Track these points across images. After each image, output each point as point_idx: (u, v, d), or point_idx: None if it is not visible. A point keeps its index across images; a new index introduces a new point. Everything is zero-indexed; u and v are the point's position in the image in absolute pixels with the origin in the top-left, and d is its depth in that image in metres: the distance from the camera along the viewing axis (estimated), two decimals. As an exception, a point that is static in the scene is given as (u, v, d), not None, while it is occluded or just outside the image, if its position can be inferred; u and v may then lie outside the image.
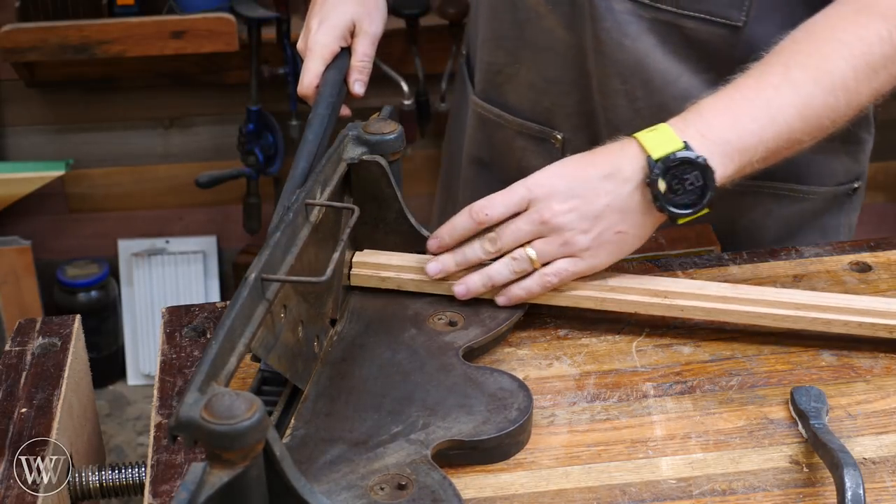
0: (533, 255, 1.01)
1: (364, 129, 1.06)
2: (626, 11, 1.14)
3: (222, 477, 0.70)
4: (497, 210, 1.01)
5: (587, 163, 1.01)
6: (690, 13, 1.13)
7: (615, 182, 0.99)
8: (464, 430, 0.89)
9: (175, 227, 2.94)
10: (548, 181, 1.00)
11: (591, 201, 0.99)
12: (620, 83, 1.17)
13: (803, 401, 0.93)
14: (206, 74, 2.73)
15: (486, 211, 1.00)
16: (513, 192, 1.01)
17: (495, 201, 1.01)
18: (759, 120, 1.01)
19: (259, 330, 0.82)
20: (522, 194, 1.00)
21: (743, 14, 1.13)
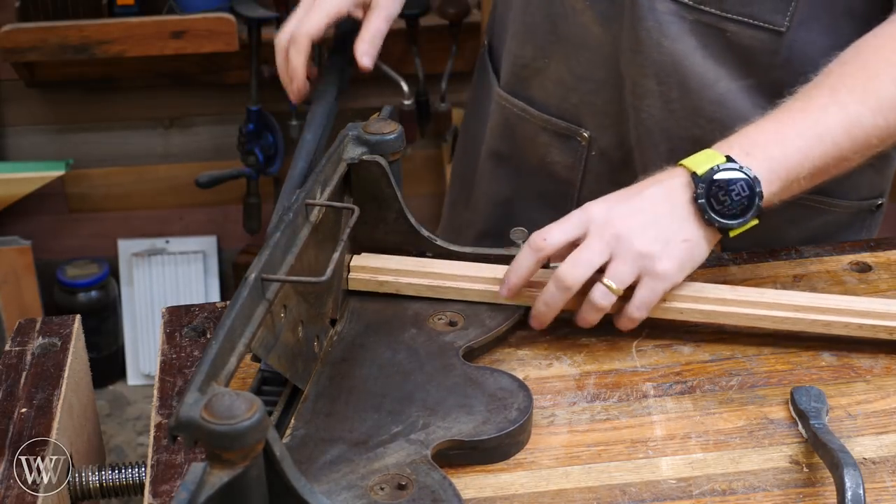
0: (613, 286, 0.98)
1: (364, 129, 1.06)
2: (669, 12, 1.13)
3: (222, 477, 0.70)
4: (555, 236, 0.99)
5: (637, 188, 1.01)
6: (734, 16, 1.12)
7: (668, 199, 1.00)
8: (464, 430, 0.89)
9: (175, 227, 2.94)
10: (603, 202, 1.00)
11: (650, 213, 0.99)
12: (656, 84, 1.16)
13: (803, 401, 0.93)
14: (206, 74, 2.73)
15: (543, 236, 0.99)
16: (568, 219, 0.99)
17: (553, 230, 0.99)
18: (806, 138, 1.01)
19: (259, 330, 0.82)
20: (579, 217, 0.99)
21: (787, 19, 1.12)
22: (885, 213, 1.34)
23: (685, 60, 1.14)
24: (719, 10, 1.12)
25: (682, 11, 1.13)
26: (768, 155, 1.00)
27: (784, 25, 1.12)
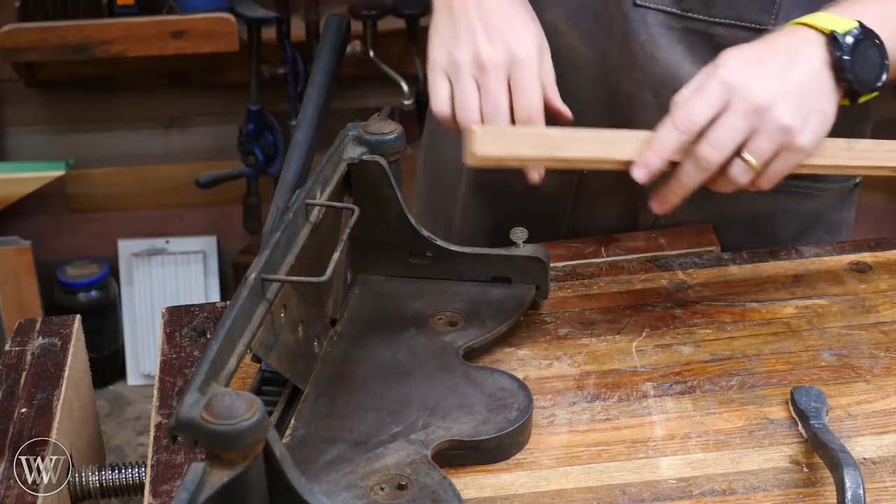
0: (753, 162, 0.94)
1: (364, 129, 1.06)
2: (658, 23, 1.13)
3: (222, 477, 0.70)
4: (702, 114, 0.93)
5: (766, 50, 0.97)
6: (722, 20, 1.13)
7: (805, 61, 0.96)
8: (464, 430, 0.89)
9: (175, 227, 2.94)
10: (739, 68, 0.95)
11: (789, 81, 0.95)
12: (653, 96, 1.15)
13: (803, 401, 0.93)
14: (206, 74, 2.73)
15: (691, 117, 0.93)
16: (707, 89, 0.94)
17: (696, 105, 0.94)
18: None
19: (259, 330, 0.82)
20: (719, 89, 0.94)
21: (773, 17, 1.12)
22: (885, 213, 1.35)
23: (678, 70, 1.14)
24: (707, 16, 1.13)
25: (671, 21, 1.13)
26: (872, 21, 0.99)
27: (770, 24, 1.12)
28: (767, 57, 0.96)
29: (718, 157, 0.94)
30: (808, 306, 1.09)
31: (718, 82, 0.94)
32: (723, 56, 0.97)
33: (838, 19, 0.98)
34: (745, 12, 1.12)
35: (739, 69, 0.95)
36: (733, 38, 1.13)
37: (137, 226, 2.92)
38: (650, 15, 1.12)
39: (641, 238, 1.22)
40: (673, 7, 1.13)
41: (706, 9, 1.12)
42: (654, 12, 1.12)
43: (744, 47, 0.98)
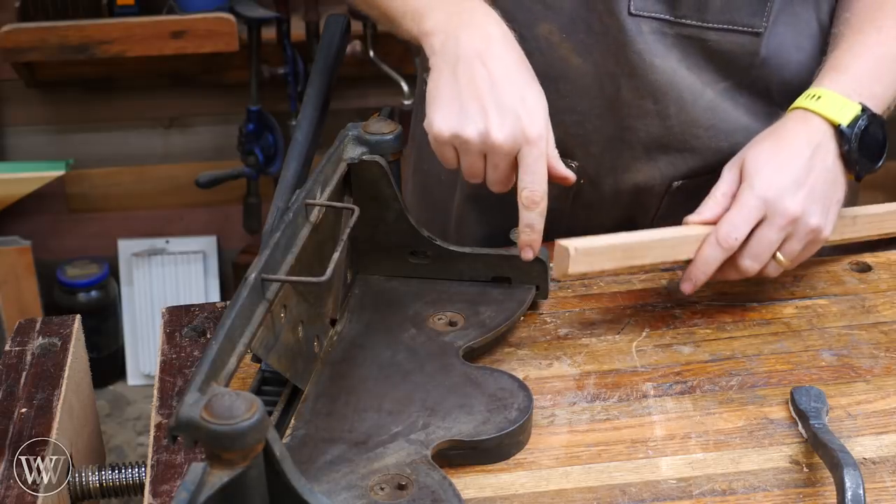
0: (785, 262, 1.03)
1: (364, 129, 1.06)
2: (653, 31, 1.13)
3: (222, 477, 0.70)
4: (743, 231, 1.01)
5: (789, 150, 1.03)
6: (715, 25, 1.13)
7: (820, 158, 1.04)
8: (464, 430, 0.89)
9: (175, 227, 2.94)
10: (773, 183, 1.02)
11: (813, 186, 1.03)
12: (653, 103, 1.16)
13: (803, 401, 0.93)
14: (206, 74, 2.73)
15: (734, 236, 1.01)
16: (746, 206, 1.01)
17: (738, 223, 1.01)
18: (893, 73, 1.09)
19: (259, 330, 0.82)
20: (757, 205, 1.01)
21: (764, 20, 1.14)
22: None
23: (675, 76, 1.15)
24: (700, 22, 1.14)
25: (664, 28, 1.13)
26: (873, 93, 1.07)
27: (762, 27, 1.14)
28: (791, 161, 1.03)
29: (758, 267, 1.03)
30: (808, 306, 1.09)
31: (755, 197, 1.01)
32: (752, 164, 1.03)
33: (843, 104, 1.05)
34: (738, 16, 1.13)
35: (771, 181, 1.02)
36: (726, 42, 1.14)
37: (137, 226, 2.92)
38: (644, 23, 1.13)
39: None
40: (666, 14, 1.13)
41: (699, 14, 1.13)
42: (648, 20, 1.13)
43: (766, 148, 1.04)
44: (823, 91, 1.06)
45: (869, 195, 3.06)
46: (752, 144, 1.06)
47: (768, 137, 1.06)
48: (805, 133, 1.04)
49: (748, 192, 1.02)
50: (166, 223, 2.93)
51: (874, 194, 2.96)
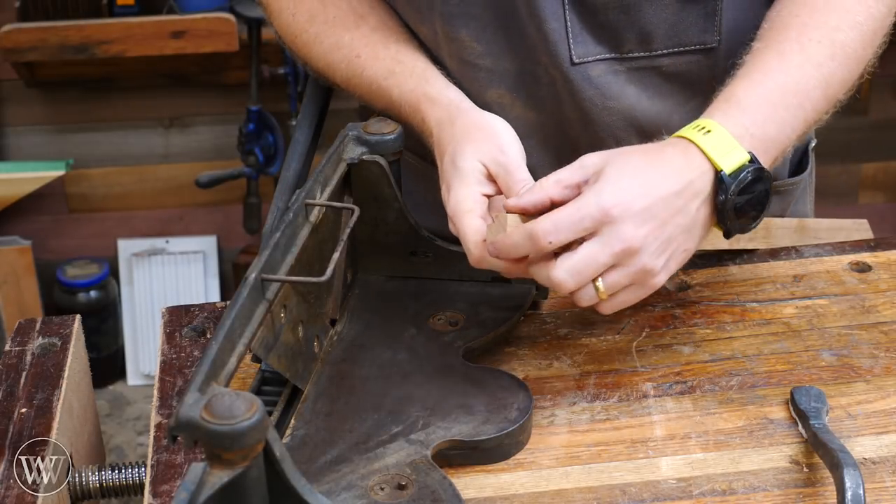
0: (601, 288, 0.90)
1: (364, 129, 1.06)
2: (603, 73, 1.10)
3: (222, 477, 0.70)
4: (564, 237, 0.89)
5: (658, 175, 0.92)
6: (664, 51, 1.10)
7: (686, 198, 0.92)
8: (464, 430, 0.89)
9: (175, 227, 2.94)
10: (624, 200, 0.89)
11: (665, 222, 0.91)
12: (615, 143, 1.11)
13: (803, 401, 0.93)
14: (206, 74, 2.74)
15: (550, 238, 0.88)
16: (581, 211, 0.89)
17: (562, 226, 0.88)
18: (792, 108, 0.98)
19: (259, 330, 0.82)
20: (593, 216, 0.88)
21: (716, 34, 1.09)
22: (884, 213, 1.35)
23: (633, 111, 1.11)
24: (649, 52, 1.09)
25: (615, 66, 1.10)
26: (767, 136, 0.96)
27: (715, 41, 1.09)
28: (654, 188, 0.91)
29: (572, 285, 0.90)
30: (808, 306, 1.09)
31: (597, 207, 0.89)
32: (611, 171, 0.91)
33: (732, 148, 0.93)
34: (687, 37, 1.09)
35: (622, 198, 0.89)
36: (681, 64, 1.11)
37: (137, 226, 2.92)
38: (591, 68, 1.09)
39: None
40: (612, 53, 1.09)
41: (646, 46, 1.09)
42: (594, 64, 1.09)
43: (633, 162, 0.92)
44: (714, 125, 0.94)
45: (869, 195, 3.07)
46: (621, 152, 0.94)
47: (640, 153, 0.94)
48: (682, 166, 0.92)
49: (592, 197, 0.89)
50: (166, 223, 2.93)
51: (874, 194, 2.96)
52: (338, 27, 1.13)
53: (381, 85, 1.10)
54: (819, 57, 1.00)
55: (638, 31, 1.08)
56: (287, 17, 1.17)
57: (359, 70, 1.11)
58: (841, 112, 1.07)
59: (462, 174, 0.99)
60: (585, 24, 1.08)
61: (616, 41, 1.09)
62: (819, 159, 1.35)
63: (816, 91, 1.00)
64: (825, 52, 1.01)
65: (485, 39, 1.09)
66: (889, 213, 2.97)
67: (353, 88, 1.14)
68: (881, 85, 2.86)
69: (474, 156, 0.99)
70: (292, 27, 1.17)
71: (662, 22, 1.08)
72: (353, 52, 1.12)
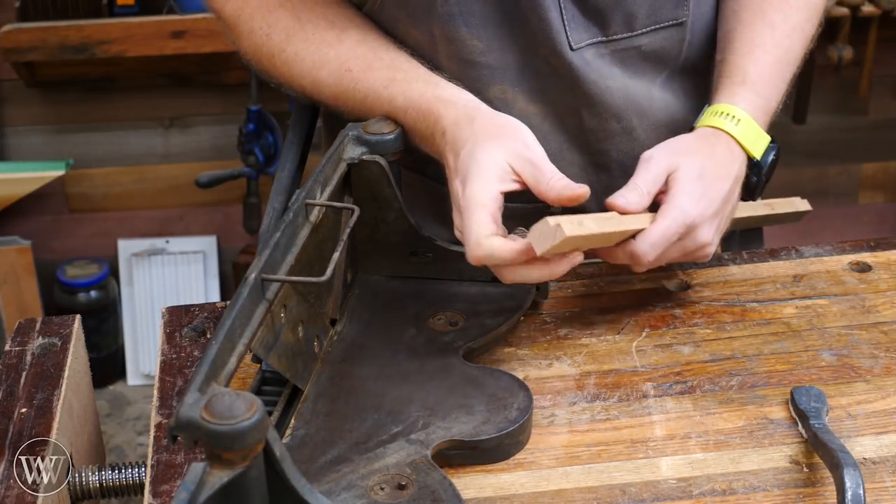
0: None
1: (364, 129, 1.06)
2: (594, 57, 1.13)
3: (222, 477, 0.70)
4: (659, 252, 1.01)
5: (717, 172, 1.05)
6: (645, 30, 1.15)
7: (734, 187, 1.07)
8: (464, 430, 0.89)
9: (175, 227, 2.94)
10: (701, 212, 1.02)
11: (725, 213, 1.06)
12: (617, 122, 1.16)
13: (803, 401, 0.93)
14: (206, 74, 2.74)
15: (650, 258, 1.00)
16: (672, 231, 1.00)
17: (658, 245, 1.00)
18: (787, 76, 1.15)
19: (259, 330, 0.82)
20: (680, 232, 1.01)
21: (686, 9, 1.16)
22: (885, 213, 1.36)
23: (627, 90, 1.16)
24: (630, 32, 1.14)
25: (601, 49, 1.14)
26: (773, 109, 1.13)
27: (685, 15, 1.16)
28: (718, 190, 1.04)
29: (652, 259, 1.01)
30: (808, 306, 1.09)
31: (682, 224, 1.01)
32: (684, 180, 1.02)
33: (758, 136, 1.09)
34: (663, 14, 1.15)
35: (698, 207, 1.02)
36: (657, 41, 1.16)
37: (137, 226, 2.92)
38: (585, 52, 1.13)
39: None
40: (600, 36, 1.13)
41: (629, 27, 1.14)
42: (586, 49, 1.13)
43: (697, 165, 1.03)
44: (741, 114, 1.09)
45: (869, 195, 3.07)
46: (686, 154, 1.05)
47: (700, 153, 1.05)
48: (730, 162, 1.07)
49: (678, 213, 1.01)
50: (166, 223, 2.93)
51: (874, 194, 2.96)
52: (320, 44, 1.12)
53: (381, 94, 1.09)
54: (800, 22, 1.16)
55: (623, 11, 1.13)
56: (260, 37, 1.15)
57: (351, 84, 1.10)
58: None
59: (482, 167, 0.99)
60: (578, 10, 1.11)
61: (604, 24, 1.13)
62: (819, 159, 1.36)
63: (801, 53, 1.17)
64: (803, 16, 1.17)
65: (485, 36, 1.10)
66: (889, 213, 2.97)
67: (342, 103, 1.12)
68: (881, 85, 2.86)
69: (498, 152, 1.00)
70: (267, 47, 1.15)
71: (645, 1, 1.14)
72: (341, 66, 1.10)
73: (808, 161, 2.93)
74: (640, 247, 1.00)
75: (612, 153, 1.19)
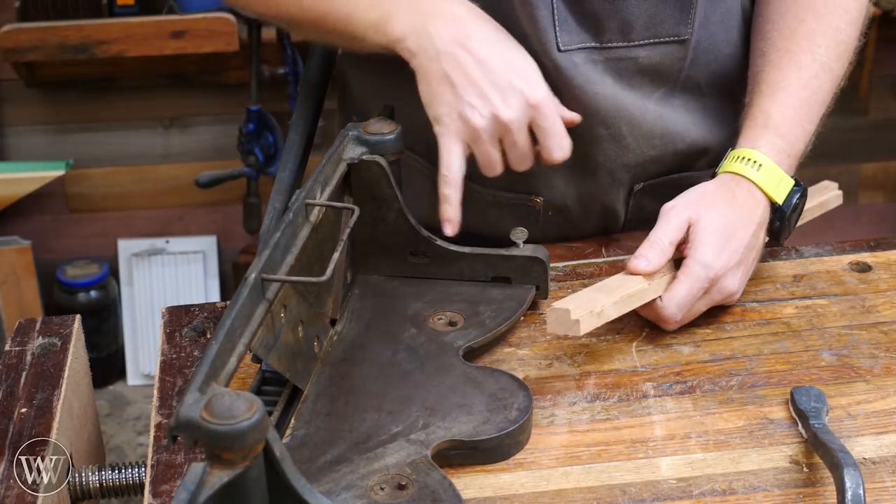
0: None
1: (364, 129, 1.06)
2: (584, 61, 1.13)
3: (222, 477, 0.70)
4: (686, 311, 1.03)
5: (740, 225, 1.05)
6: (641, 42, 1.14)
7: (758, 233, 1.07)
8: (464, 430, 0.89)
9: (175, 227, 2.94)
10: (721, 258, 1.03)
11: (748, 259, 1.06)
12: (604, 128, 1.16)
13: (803, 401, 0.93)
14: (206, 74, 2.74)
15: (678, 318, 1.02)
16: (696, 285, 1.02)
17: (684, 307, 1.02)
18: (814, 117, 1.12)
19: (259, 330, 0.82)
20: (704, 286, 1.02)
21: (689, 26, 1.15)
22: (885, 213, 1.36)
23: (617, 99, 1.15)
24: (627, 42, 1.14)
25: (594, 55, 1.13)
26: (800, 151, 1.11)
27: (688, 33, 1.15)
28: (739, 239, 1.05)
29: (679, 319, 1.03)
30: (808, 306, 1.09)
31: (706, 279, 1.02)
32: (705, 232, 1.03)
33: (780, 179, 1.08)
34: (663, 29, 1.14)
35: (720, 258, 1.03)
36: (655, 55, 1.15)
37: (137, 226, 2.92)
38: (575, 55, 1.13)
39: (641, 238, 1.22)
40: (593, 42, 1.13)
41: (625, 36, 1.13)
42: (577, 52, 1.13)
43: (719, 217, 1.04)
44: (763, 158, 1.07)
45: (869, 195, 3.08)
46: (706, 205, 1.05)
47: (722, 202, 1.06)
48: (752, 208, 1.06)
49: (700, 269, 1.02)
50: (166, 223, 2.93)
51: (874, 194, 2.96)
52: None
53: None
54: (829, 61, 1.12)
55: (619, 20, 1.12)
56: None
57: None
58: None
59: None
60: (571, 12, 1.11)
61: (598, 30, 1.13)
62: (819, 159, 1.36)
63: (830, 93, 1.13)
64: (832, 55, 1.12)
65: None
66: (889, 213, 2.97)
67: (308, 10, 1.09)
68: (881, 85, 2.86)
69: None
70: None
71: (643, 13, 1.12)
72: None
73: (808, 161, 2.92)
74: (668, 309, 1.02)
75: (598, 158, 1.18)
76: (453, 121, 1.02)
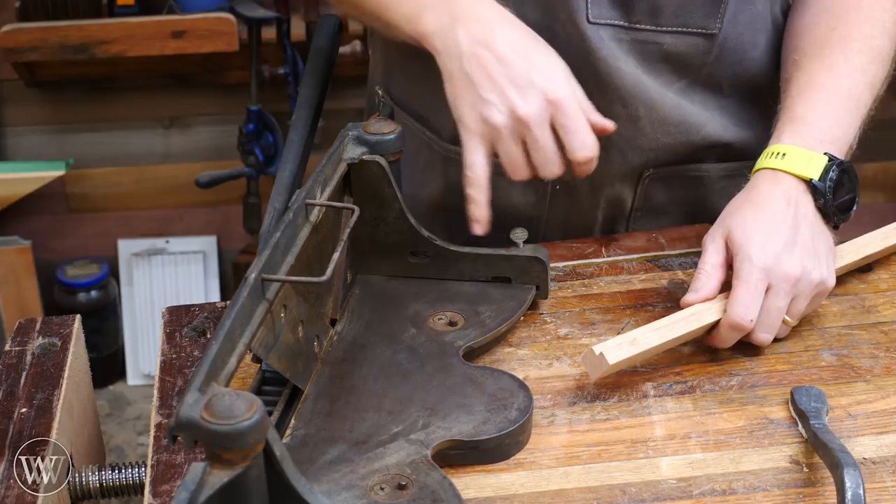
0: (791, 320, 1.02)
1: (364, 129, 1.06)
2: (610, 38, 1.14)
3: (222, 477, 0.70)
4: (755, 309, 0.99)
5: (769, 211, 1.03)
6: (669, 29, 1.15)
7: (801, 213, 1.04)
8: (464, 430, 0.89)
9: (175, 227, 2.94)
10: (765, 248, 1.01)
11: (804, 240, 1.02)
12: (622, 107, 1.16)
13: (803, 401, 0.93)
14: (206, 74, 2.73)
15: (749, 318, 0.99)
16: (751, 281, 1.00)
17: (748, 302, 0.99)
18: (850, 111, 1.10)
19: (259, 330, 0.82)
20: (760, 277, 1.00)
21: (718, 21, 1.15)
22: (884, 213, 1.36)
23: (638, 80, 1.16)
24: (654, 26, 1.15)
25: (620, 34, 1.14)
26: (835, 137, 1.07)
27: (716, 28, 1.16)
28: (776, 224, 1.03)
29: (771, 337, 1.02)
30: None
31: (756, 269, 1.00)
32: (739, 234, 1.02)
33: (809, 158, 1.05)
34: (692, 19, 1.15)
35: (765, 248, 1.01)
36: (681, 44, 1.16)
37: (137, 226, 2.92)
38: (602, 30, 1.13)
39: (641, 238, 1.22)
40: (621, 20, 1.14)
41: (653, 19, 1.14)
42: (605, 27, 1.13)
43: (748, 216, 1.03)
44: (787, 148, 1.06)
45: (869, 195, 3.07)
46: (732, 213, 1.05)
47: (745, 204, 1.05)
48: (780, 193, 1.04)
49: (747, 265, 1.00)
50: (166, 223, 2.93)
51: (874, 194, 2.96)
52: None
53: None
54: (862, 63, 1.12)
55: (650, 2, 1.13)
56: None
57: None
58: None
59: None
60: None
61: (628, 9, 1.13)
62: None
63: (865, 92, 1.12)
64: (866, 59, 1.12)
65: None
66: (889, 213, 2.97)
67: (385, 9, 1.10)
68: (881, 85, 2.86)
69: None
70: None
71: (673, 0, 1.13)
72: None
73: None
74: (734, 311, 0.99)
75: (612, 136, 1.18)
76: (474, 121, 1.01)
